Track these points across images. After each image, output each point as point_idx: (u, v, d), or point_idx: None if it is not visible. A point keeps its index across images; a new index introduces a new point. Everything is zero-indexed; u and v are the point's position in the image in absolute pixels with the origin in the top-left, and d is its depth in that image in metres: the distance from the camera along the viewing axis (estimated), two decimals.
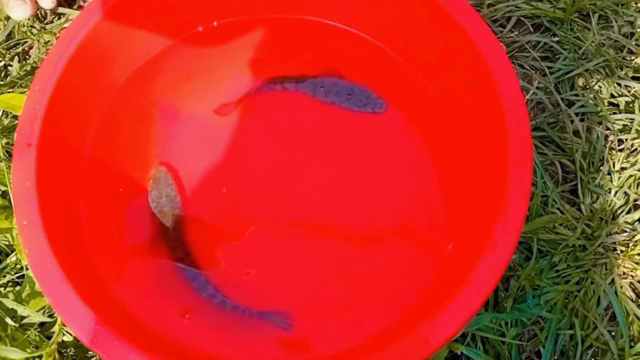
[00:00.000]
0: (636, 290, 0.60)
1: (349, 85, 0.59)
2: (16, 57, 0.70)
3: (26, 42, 0.71)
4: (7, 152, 0.60)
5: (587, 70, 0.70)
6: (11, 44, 0.71)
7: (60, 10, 0.71)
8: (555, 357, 0.56)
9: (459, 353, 0.54)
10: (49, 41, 0.70)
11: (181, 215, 0.54)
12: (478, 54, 0.51)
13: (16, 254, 0.57)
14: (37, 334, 0.53)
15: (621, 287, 0.59)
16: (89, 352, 0.54)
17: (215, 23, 0.62)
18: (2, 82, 0.67)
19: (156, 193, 0.54)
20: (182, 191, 0.55)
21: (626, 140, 0.66)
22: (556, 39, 0.72)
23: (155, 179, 0.55)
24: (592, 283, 0.59)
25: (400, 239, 0.53)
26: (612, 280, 0.60)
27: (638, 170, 0.64)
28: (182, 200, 0.55)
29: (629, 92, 0.69)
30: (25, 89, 0.65)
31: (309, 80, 0.60)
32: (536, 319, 0.57)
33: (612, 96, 0.69)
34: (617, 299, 0.58)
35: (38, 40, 0.70)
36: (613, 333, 0.57)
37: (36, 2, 0.65)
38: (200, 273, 0.51)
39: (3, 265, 0.57)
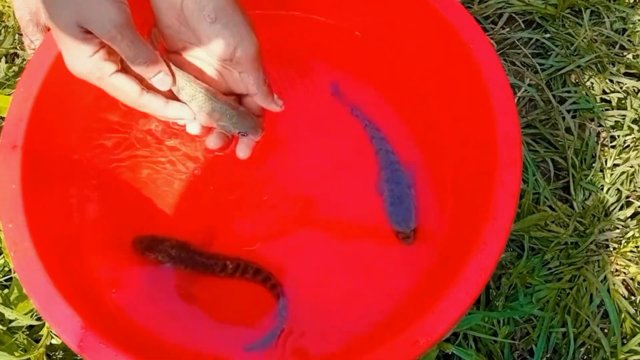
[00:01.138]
0: (629, 288, 0.60)
1: (402, 193, 0.53)
2: (3, 58, 0.69)
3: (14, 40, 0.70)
4: None
5: (579, 66, 0.69)
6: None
7: None
8: (548, 355, 0.56)
9: (450, 353, 0.54)
10: None
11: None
12: (467, 52, 0.50)
13: (4, 257, 0.56)
14: (25, 337, 0.53)
15: (614, 284, 0.59)
16: (77, 355, 0.54)
17: None
18: None
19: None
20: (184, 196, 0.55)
21: (618, 136, 0.66)
22: (548, 35, 0.71)
23: None
24: (584, 280, 0.59)
25: (389, 238, 0.53)
26: (605, 277, 0.59)
27: (630, 167, 0.64)
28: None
29: (620, 88, 0.69)
30: (13, 90, 0.65)
31: (385, 145, 0.56)
32: (528, 317, 0.57)
33: (604, 92, 0.69)
34: (610, 296, 0.58)
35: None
36: (605, 330, 0.57)
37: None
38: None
39: None
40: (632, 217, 0.62)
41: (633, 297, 0.59)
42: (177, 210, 0.55)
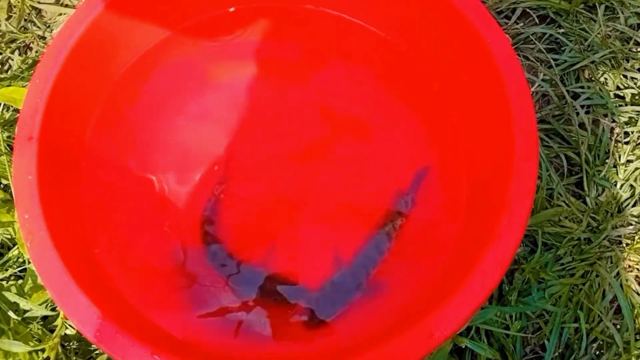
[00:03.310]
0: None
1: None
2: (17, 50, 0.70)
3: (27, 34, 0.71)
4: (8, 145, 0.60)
5: (592, 62, 0.69)
6: (12, 38, 0.70)
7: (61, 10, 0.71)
8: (560, 351, 0.56)
9: (464, 346, 0.54)
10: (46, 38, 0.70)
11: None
12: (484, 46, 0.50)
13: (18, 248, 0.57)
14: (39, 327, 0.53)
15: (626, 280, 0.59)
16: (92, 346, 0.54)
17: (231, 9, 0.62)
18: (3, 76, 0.67)
19: None
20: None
21: (632, 132, 0.65)
22: (562, 30, 0.71)
23: None
24: (597, 276, 0.58)
25: (405, 232, 0.53)
26: (618, 273, 0.59)
27: None
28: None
29: (635, 84, 0.68)
30: (27, 82, 0.65)
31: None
32: (541, 312, 0.57)
33: (618, 88, 0.68)
34: (623, 292, 0.58)
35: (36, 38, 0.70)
36: (618, 326, 0.57)
37: None
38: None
39: (5, 258, 0.57)
40: None
41: None
42: (190, 203, 0.55)
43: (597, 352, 0.56)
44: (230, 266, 0.51)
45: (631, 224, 0.61)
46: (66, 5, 0.72)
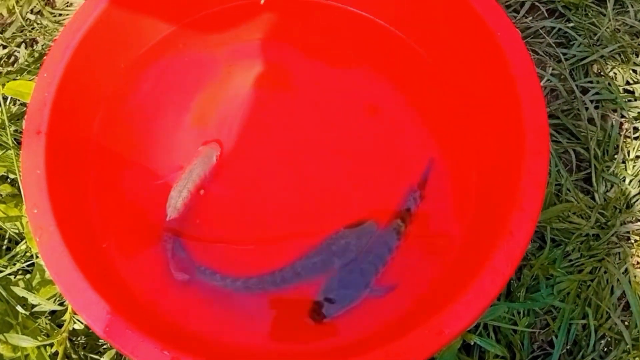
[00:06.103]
0: None
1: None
2: (23, 44, 0.69)
3: (33, 28, 0.70)
4: (15, 139, 0.60)
5: (602, 56, 0.68)
6: (18, 31, 0.70)
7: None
8: (568, 347, 0.56)
9: (472, 343, 0.54)
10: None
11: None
12: (494, 40, 0.50)
13: (26, 242, 0.56)
14: (48, 322, 0.53)
15: (635, 276, 0.59)
16: (100, 340, 0.54)
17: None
18: (10, 69, 0.67)
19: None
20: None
21: None
22: (571, 24, 0.70)
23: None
24: (605, 272, 0.58)
25: (414, 229, 0.53)
26: (626, 269, 0.59)
27: None
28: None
29: None
30: (33, 76, 0.65)
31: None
32: (549, 309, 0.57)
33: (628, 83, 0.68)
34: (631, 288, 0.58)
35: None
36: (627, 323, 0.57)
37: None
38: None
39: (13, 253, 0.57)
40: None
41: None
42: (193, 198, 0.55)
43: (606, 349, 0.56)
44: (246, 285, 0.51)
45: (639, 220, 0.61)
46: None
